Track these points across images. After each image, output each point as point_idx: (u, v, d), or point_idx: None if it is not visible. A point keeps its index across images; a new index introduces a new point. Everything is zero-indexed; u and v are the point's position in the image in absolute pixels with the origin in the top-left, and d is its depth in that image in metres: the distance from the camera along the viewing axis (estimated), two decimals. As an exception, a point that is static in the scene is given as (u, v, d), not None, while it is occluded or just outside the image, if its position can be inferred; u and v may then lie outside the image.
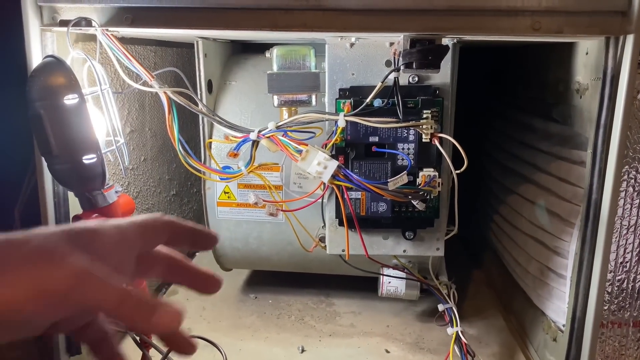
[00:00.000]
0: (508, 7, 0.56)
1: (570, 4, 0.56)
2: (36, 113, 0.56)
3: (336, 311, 0.97)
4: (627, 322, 0.69)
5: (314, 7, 0.57)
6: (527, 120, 0.91)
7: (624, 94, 0.56)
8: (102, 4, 0.59)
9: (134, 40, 0.85)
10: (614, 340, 0.69)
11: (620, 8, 0.56)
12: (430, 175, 0.66)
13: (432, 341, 0.87)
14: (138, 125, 0.90)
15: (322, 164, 0.63)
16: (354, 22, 0.58)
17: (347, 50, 0.69)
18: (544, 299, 0.79)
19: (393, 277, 0.85)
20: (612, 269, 0.67)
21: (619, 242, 0.67)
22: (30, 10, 0.60)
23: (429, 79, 0.69)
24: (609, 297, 0.68)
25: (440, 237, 0.74)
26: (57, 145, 0.57)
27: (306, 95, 0.71)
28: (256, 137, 0.68)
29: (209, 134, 0.83)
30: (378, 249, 0.74)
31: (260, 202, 0.71)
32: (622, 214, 0.66)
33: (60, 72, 0.57)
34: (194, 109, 0.67)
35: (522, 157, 0.90)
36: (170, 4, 0.58)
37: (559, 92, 0.77)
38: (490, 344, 0.87)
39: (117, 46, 0.63)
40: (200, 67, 0.79)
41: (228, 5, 0.58)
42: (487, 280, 1.10)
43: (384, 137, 0.68)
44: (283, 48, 0.71)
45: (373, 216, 0.70)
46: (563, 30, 0.56)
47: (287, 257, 0.90)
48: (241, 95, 0.86)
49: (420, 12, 0.56)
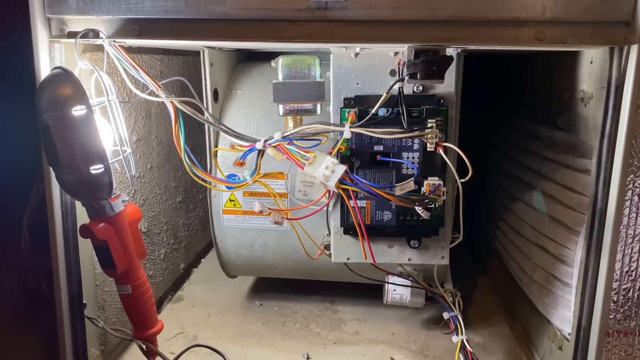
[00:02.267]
0: (512, 18, 0.56)
1: (574, 15, 0.56)
2: (44, 124, 0.57)
3: (341, 318, 0.97)
4: (633, 331, 0.69)
5: (318, 18, 0.58)
6: (532, 128, 0.91)
7: (629, 104, 0.57)
8: (109, 15, 0.60)
9: (140, 49, 0.85)
10: (619, 350, 0.69)
11: (624, 18, 0.56)
12: (435, 184, 0.66)
13: (437, 349, 0.87)
14: (144, 134, 0.91)
15: (329, 168, 0.63)
16: (359, 33, 0.58)
17: (352, 60, 0.69)
18: (549, 307, 0.79)
19: (398, 285, 0.85)
20: (618, 278, 0.67)
21: (625, 250, 0.66)
22: (39, 22, 0.61)
23: (434, 88, 0.69)
24: (615, 306, 0.68)
25: (445, 246, 0.74)
26: (64, 156, 0.58)
27: (311, 104, 0.71)
28: (262, 147, 0.68)
29: (214, 143, 0.83)
30: (383, 257, 0.74)
31: (265, 210, 0.71)
32: (627, 222, 0.66)
33: (68, 84, 0.57)
34: (201, 118, 0.67)
35: (527, 165, 0.90)
36: (176, 15, 0.59)
37: (563, 100, 0.77)
38: (495, 352, 0.87)
39: (124, 57, 0.63)
40: (207, 76, 0.80)
41: (234, 16, 0.59)
42: (493, 287, 1.10)
43: (388, 146, 0.68)
44: (288, 57, 0.71)
45: (378, 224, 0.71)
46: (567, 41, 0.57)
47: (292, 265, 0.90)
48: (247, 104, 0.86)
49: (424, 23, 0.57)
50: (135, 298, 0.65)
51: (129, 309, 0.67)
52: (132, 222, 0.65)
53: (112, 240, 0.62)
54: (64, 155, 0.57)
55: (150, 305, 0.67)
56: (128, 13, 0.59)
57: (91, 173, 0.58)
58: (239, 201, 0.84)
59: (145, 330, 0.67)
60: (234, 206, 0.84)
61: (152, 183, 0.95)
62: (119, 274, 0.64)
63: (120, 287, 0.65)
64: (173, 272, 1.06)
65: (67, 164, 0.58)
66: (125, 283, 0.64)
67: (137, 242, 0.65)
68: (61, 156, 0.58)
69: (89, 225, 0.61)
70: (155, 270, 0.97)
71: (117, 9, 0.59)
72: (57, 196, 0.65)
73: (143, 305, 0.66)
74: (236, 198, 0.84)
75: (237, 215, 0.85)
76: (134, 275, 0.65)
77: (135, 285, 0.64)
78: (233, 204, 0.84)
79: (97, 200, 0.61)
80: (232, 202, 0.84)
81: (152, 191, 0.94)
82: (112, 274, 0.64)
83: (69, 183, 0.60)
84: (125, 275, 0.64)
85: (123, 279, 0.64)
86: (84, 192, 0.60)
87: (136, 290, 0.65)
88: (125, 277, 0.64)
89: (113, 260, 0.62)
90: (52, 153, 0.58)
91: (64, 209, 0.65)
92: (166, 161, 0.99)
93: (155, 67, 0.92)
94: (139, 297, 0.65)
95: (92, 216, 0.62)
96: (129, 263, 0.63)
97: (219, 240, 0.89)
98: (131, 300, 0.66)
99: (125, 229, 0.64)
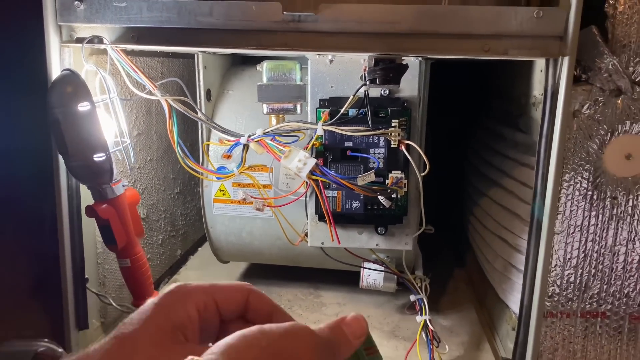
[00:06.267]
0: (460, 32, 0.64)
1: (514, 30, 0.64)
2: (55, 118, 0.66)
3: (323, 302, 1.06)
4: (575, 313, 0.77)
5: (293, 29, 0.66)
6: (500, 130, 0.99)
7: (561, 107, 0.65)
8: (112, 24, 0.69)
9: (142, 53, 0.94)
10: (563, 329, 0.77)
11: (557, 33, 0.64)
12: (397, 177, 0.74)
13: (408, 330, 0.95)
14: (145, 129, 1.00)
15: (302, 161, 0.72)
16: (327, 42, 0.67)
17: (327, 66, 0.78)
18: (507, 292, 0.87)
19: (372, 269, 0.94)
20: (562, 264, 0.75)
21: (567, 240, 0.74)
22: (51, 29, 0.70)
23: (399, 92, 0.77)
24: (559, 290, 0.76)
25: (410, 234, 0.82)
26: (72, 146, 0.67)
27: (292, 104, 0.80)
28: (246, 141, 0.77)
29: (207, 138, 0.92)
30: (354, 242, 0.83)
31: (248, 198, 0.80)
32: (569, 214, 0.74)
33: (75, 83, 0.67)
34: (192, 115, 0.76)
35: (493, 164, 0.98)
36: (169, 24, 0.67)
37: (522, 104, 0.85)
38: (461, 334, 0.95)
39: (125, 60, 0.72)
40: (200, 78, 0.89)
41: (220, 26, 0.67)
42: (467, 278, 1.18)
43: (357, 142, 0.77)
44: (272, 62, 0.80)
45: (348, 212, 0.79)
46: (508, 52, 0.65)
47: (277, 251, 0.98)
48: (237, 103, 0.95)
49: (384, 35, 0.65)
50: (134, 270, 0.75)
51: (128, 280, 0.76)
52: (131, 204, 0.74)
53: (113, 219, 0.71)
54: (71, 145, 0.67)
55: (147, 277, 0.76)
56: (128, 22, 0.68)
57: (95, 160, 0.67)
58: (227, 191, 0.93)
59: (143, 299, 0.77)
60: (224, 195, 0.93)
61: (152, 174, 1.04)
62: (119, 249, 0.73)
63: (121, 260, 0.74)
64: (170, 257, 1.15)
65: (74, 152, 0.67)
66: (125, 257, 0.74)
67: (135, 221, 0.75)
68: (69, 146, 0.67)
69: (94, 206, 0.71)
70: (153, 254, 1.06)
71: (119, 19, 0.68)
72: (64, 181, 0.74)
73: (140, 276, 0.75)
74: (225, 188, 0.92)
75: (226, 204, 0.94)
76: (133, 250, 0.74)
77: (133, 259, 0.74)
78: (222, 193, 0.93)
79: (100, 184, 0.70)
80: (221, 192, 0.93)
81: (151, 181, 1.03)
82: (113, 249, 0.73)
83: (76, 169, 0.69)
84: (124, 250, 0.73)
85: (123, 254, 0.74)
86: (89, 177, 0.70)
87: (134, 264, 0.74)
88: (125, 252, 0.73)
89: (114, 237, 0.71)
90: (62, 143, 0.67)
91: (70, 192, 0.74)
92: (165, 155, 1.08)
93: (156, 68, 1.01)
94: (137, 270, 0.75)
95: (96, 198, 0.71)
96: (128, 239, 0.73)
97: (210, 227, 0.98)
98: (130, 272, 0.75)
99: (125, 209, 0.73)
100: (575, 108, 0.69)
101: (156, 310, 0.33)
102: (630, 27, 0.67)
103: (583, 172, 0.71)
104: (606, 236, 0.74)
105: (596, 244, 0.74)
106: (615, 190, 0.72)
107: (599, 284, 0.75)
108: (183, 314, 0.33)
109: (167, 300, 0.34)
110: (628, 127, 0.70)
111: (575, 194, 0.73)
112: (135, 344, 0.31)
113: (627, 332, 0.76)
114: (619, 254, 0.74)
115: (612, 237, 0.73)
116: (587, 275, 0.75)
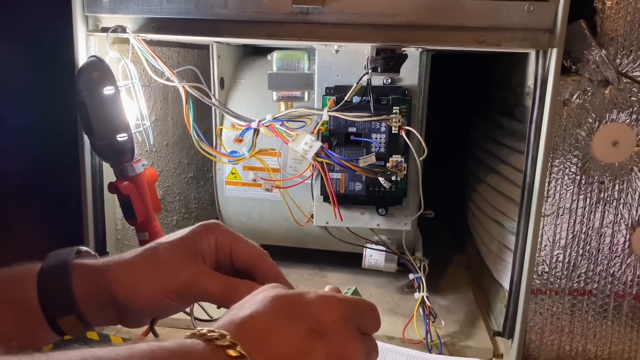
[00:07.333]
0: (456, 24, 0.69)
1: (507, 22, 0.69)
2: (81, 101, 0.72)
3: (327, 282, 1.11)
4: (563, 291, 0.81)
5: (301, 20, 0.72)
6: (498, 119, 1.03)
7: (550, 96, 0.69)
8: (134, 15, 0.75)
9: (160, 42, 1.00)
10: (551, 305, 0.82)
11: (547, 26, 0.68)
12: (397, 160, 0.80)
13: (407, 308, 1.00)
14: (162, 115, 1.06)
15: (308, 144, 0.78)
16: (332, 33, 0.72)
17: (333, 56, 0.83)
18: (501, 273, 0.92)
19: (374, 249, 0.99)
20: (551, 245, 0.80)
21: (556, 222, 0.79)
22: (79, 19, 0.76)
23: (400, 81, 0.82)
24: (548, 269, 0.80)
25: (409, 215, 0.87)
26: (97, 126, 0.73)
27: (300, 92, 0.85)
28: (256, 126, 0.83)
29: (220, 123, 0.98)
30: (356, 222, 0.88)
31: (258, 180, 0.86)
32: (559, 197, 0.78)
33: (101, 69, 0.73)
34: (207, 100, 0.82)
35: (491, 151, 1.03)
36: (188, 15, 0.73)
37: (517, 94, 0.90)
38: (457, 312, 1.00)
39: (145, 48, 0.78)
40: (214, 67, 0.95)
41: (234, 18, 0.73)
42: (467, 263, 1.23)
43: (360, 128, 0.82)
44: (282, 52, 0.85)
45: (350, 194, 0.84)
46: (501, 44, 0.70)
47: (285, 232, 1.04)
48: (248, 91, 1.01)
49: (385, 26, 0.70)
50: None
51: (146, 254, 0.82)
52: (149, 182, 0.80)
53: (133, 196, 0.77)
54: (97, 126, 0.73)
55: (163, 250, 0.82)
56: (149, 13, 0.74)
57: (118, 140, 0.74)
58: (239, 174, 0.98)
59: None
60: (235, 178, 0.99)
61: (167, 158, 1.10)
62: (138, 223, 0.79)
63: (140, 234, 0.80)
64: (184, 238, 1.21)
65: (99, 132, 0.73)
66: (144, 231, 0.80)
67: (153, 198, 0.81)
68: (95, 126, 0.73)
69: (116, 182, 0.77)
70: (167, 233, 1.12)
71: (140, 10, 0.74)
72: (88, 160, 0.80)
73: (157, 250, 0.81)
74: (237, 171, 0.98)
75: (237, 186, 1.00)
76: (151, 224, 0.80)
77: (152, 233, 0.80)
78: (234, 176, 0.99)
79: (122, 162, 0.76)
80: (233, 175, 0.99)
81: (167, 165, 1.10)
82: (133, 223, 0.79)
83: (101, 148, 0.75)
84: (143, 225, 0.79)
85: (142, 228, 0.80)
86: (112, 155, 0.76)
87: (152, 238, 0.80)
88: (144, 226, 0.79)
89: (134, 212, 0.77)
90: (87, 124, 0.73)
91: (93, 170, 0.81)
92: (180, 140, 1.14)
93: (172, 58, 1.07)
94: (154, 243, 0.81)
95: (118, 176, 0.78)
96: (147, 214, 0.79)
97: (222, 208, 1.04)
98: (148, 246, 0.81)
99: (144, 186, 0.79)
100: (565, 97, 0.74)
101: (188, 235, 0.46)
102: (618, 22, 0.72)
103: (572, 157, 0.76)
104: (593, 218, 0.78)
105: (584, 226, 0.79)
106: (603, 175, 0.76)
107: (586, 263, 0.80)
108: (205, 243, 0.45)
109: (198, 229, 0.46)
110: (615, 115, 0.75)
111: (565, 178, 0.77)
112: (165, 254, 0.43)
113: (612, 309, 0.81)
114: (606, 236, 0.79)
115: (599, 219, 0.78)
116: (575, 255, 0.80)
